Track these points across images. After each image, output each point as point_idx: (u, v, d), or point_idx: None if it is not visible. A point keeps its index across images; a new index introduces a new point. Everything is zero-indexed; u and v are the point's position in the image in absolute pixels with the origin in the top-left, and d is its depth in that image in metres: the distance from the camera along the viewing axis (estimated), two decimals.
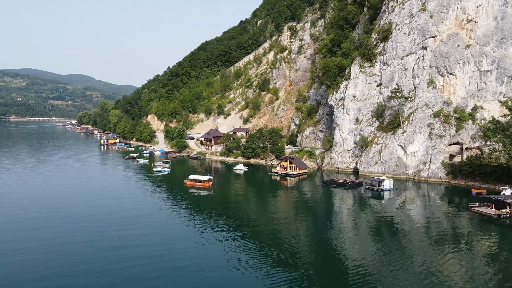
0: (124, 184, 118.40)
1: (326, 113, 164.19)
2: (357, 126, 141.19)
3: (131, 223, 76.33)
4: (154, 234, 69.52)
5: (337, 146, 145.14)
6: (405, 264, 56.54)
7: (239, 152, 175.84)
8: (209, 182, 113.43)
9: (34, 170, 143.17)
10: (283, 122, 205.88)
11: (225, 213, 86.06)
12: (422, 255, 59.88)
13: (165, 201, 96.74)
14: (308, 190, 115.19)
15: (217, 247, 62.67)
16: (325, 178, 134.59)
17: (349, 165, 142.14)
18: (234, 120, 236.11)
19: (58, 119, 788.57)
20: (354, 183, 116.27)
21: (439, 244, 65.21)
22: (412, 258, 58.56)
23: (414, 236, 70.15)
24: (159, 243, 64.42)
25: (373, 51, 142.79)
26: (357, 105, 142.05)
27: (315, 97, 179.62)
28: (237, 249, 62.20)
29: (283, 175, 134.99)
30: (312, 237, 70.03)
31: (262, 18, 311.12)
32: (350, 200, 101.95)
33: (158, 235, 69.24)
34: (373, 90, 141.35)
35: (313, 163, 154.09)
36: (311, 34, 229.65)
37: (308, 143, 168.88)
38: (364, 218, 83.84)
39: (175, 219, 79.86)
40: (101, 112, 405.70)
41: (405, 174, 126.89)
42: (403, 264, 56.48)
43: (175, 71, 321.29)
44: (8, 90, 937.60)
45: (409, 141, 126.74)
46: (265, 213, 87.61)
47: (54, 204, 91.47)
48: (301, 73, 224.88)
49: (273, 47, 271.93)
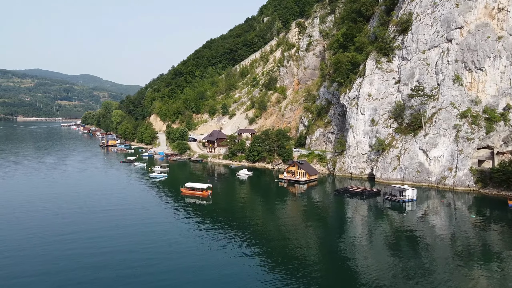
0: (113, 192, 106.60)
1: (337, 114, 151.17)
2: (372, 128, 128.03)
3: (110, 243, 64.60)
4: (134, 252, 57.82)
5: (351, 150, 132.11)
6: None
7: (243, 155, 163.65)
8: (207, 191, 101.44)
9: (19, 173, 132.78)
10: (290, 122, 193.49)
11: (224, 228, 74.50)
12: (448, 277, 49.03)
13: (155, 213, 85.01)
14: (319, 199, 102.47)
15: (215, 267, 53.38)
16: (338, 185, 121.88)
17: (364, 171, 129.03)
18: (239, 121, 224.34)
19: (64, 120, 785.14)
20: (371, 192, 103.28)
21: (467, 264, 56.36)
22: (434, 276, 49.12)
23: (441, 254, 60.16)
24: (143, 266, 52.60)
25: (390, 45, 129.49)
26: (372, 104, 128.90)
27: (325, 96, 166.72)
28: (241, 268, 54.63)
29: (291, 182, 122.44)
30: (325, 254, 61.18)
31: (269, 15, 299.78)
32: (367, 212, 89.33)
33: (137, 253, 57.53)
34: (390, 88, 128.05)
35: (323, 168, 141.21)
36: (320, 30, 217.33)
37: (318, 145, 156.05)
38: (382, 233, 72.28)
39: (164, 237, 68.01)
40: (104, 112, 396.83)
41: (427, 181, 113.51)
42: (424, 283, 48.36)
43: (178, 70, 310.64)
44: (17, 90, 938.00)
45: (432, 144, 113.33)
46: (271, 228, 75.85)
47: (19, 217, 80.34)
48: (309, 71, 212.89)
49: (280, 45, 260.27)
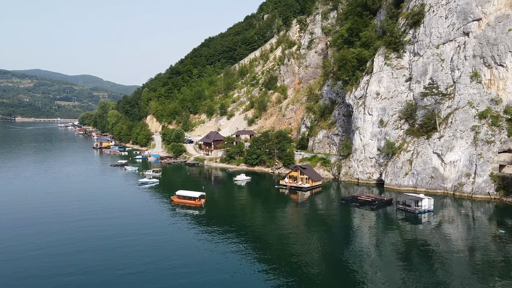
0: (94, 200, 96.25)
1: (342, 114, 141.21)
2: (381, 129, 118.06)
3: (82, 261, 54.82)
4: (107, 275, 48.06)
5: (357, 153, 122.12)
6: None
7: (241, 159, 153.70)
8: (200, 200, 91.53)
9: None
10: (292, 123, 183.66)
11: (217, 242, 64.96)
12: None
13: (139, 224, 75.06)
14: (324, 209, 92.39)
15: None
16: (343, 191, 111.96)
17: (372, 176, 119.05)
18: (238, 121, 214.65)
19: (63, 120, 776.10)
20: (382, 201, 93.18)
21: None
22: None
23: (461, 273, 47.93)
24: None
25: (400, 40, 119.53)
26: (381, 104, 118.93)
27: (329, 95, 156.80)
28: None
29: (293, 188, 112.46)
30: (332, 270, 53.71)
31: (269, 12, 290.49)
32: (378, 223, 79.49)
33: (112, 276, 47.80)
34: (401, 86, 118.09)
35: (327, 173, 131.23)
36: (322, 27, 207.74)
37: (322, 148, 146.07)
38: (395, 248, 63.27)
39: (144, 251, 58.20)
40: (101, 113, 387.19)
41: (443, 188, 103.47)
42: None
43: (176, 69, 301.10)
44: (16, 90, 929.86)
45: (448, 148, 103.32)
46: (271, 240, 66.88)
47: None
48: (311, 70, 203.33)
49: (280, 43, 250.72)
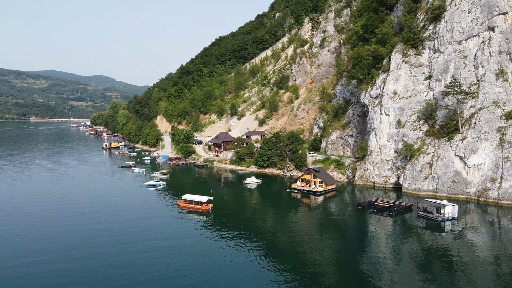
0: (96, 205, 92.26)
1: (357, 114, 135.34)
2: (399, 130, 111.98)
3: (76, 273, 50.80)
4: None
5: (373, 155, 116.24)
6: None
7: (252, 160, 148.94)
8: (208, 205, 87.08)
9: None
10: (304, 124, 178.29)
11: (225, 250, 60.37)
12: None
13: (143, 231, 70.89)
14: (339, 215, 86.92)
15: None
16: (358, 195, 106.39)
17: (388, 179, 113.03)
18: (249, 122, 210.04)
19: (75, 120, 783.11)
20: (401, 208, 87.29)
21: None
22: None
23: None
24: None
25: (419, 36, 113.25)
26: (399, 103, 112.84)
27: (343, 95, 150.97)
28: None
29: (305, 192, 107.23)
30: (347, 283, 45.36)
31: (280, 11, 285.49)
32: (397, 231, 74.00)
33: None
34: (420, 85, 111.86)
35: (341, 176, 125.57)
36: (335, 25, 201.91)
37: (335, 150, 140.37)
38: (414, 258, 58.52)
39: (146, 260, 53.89)
40: (112, 113, 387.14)
41: (465, 193, 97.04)
42: None
43: (186, 68, 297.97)
44: (30, 91, 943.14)
45: (471, 150, 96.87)
46: (281, 250, 61.71)
47: None
48: (324, 69, 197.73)
49: (292, 41, 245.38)
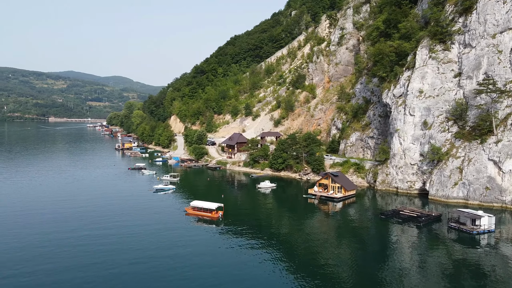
0: (100, 209, 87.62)
1: (378, 114, 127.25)
2: (425, 132, 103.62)
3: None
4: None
5: (396, 159, 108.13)
6: None
7: (266, 163, 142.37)
8: (218, 212, 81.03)
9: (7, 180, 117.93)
10: (321, 124, 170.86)
11: (235, 263, 54.31)
12: None
13: (145, 240, 65.27)
14: (360, 224, 79.57)
15: None
16: (380, 201, 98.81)
17: (413, 185, 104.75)
18: (264, 122, 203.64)
19: (93, 120, 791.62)
20: (430, 218, 79.28)
21: None
22: None
23: None
24: None
25: (448, 29, 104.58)
26: (425, 103, 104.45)
27: (362, 94, 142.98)
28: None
29: (323, 198, 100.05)
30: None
31: (297, 8, 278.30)
32: (426, 245, 66.64)
33: None
34: (448, 83, 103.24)
35: (361, 180, 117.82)
36: (354, 22, 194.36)
37: (354, 152, 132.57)
38: (447, 279, 50.72)
39: (149, 274, 48.22)
40: (127, 113, 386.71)
41: (500, 201, 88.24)
42: None
43: (200, 68, 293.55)
44: (50, 91, 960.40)
45: (507, 154, 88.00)
46: (298, 263, 55.16)
47: None
48: (342, 67, 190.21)
49: (309, 40, 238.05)
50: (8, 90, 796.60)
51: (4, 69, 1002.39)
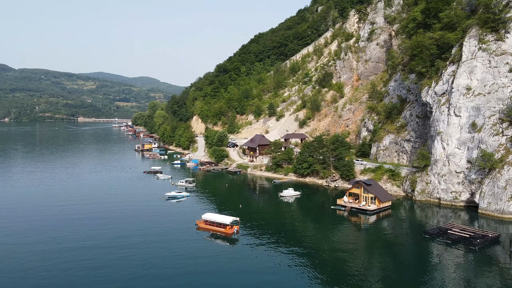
0: (104, 220, 79.29)
1: (416, 115, 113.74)
2: (473, 135, 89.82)
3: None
4: None
5: (438, 166, 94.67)
6: None
7: (290, 167, 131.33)
8: (233, 227, 70.89)
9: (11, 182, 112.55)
10: (349, 126, 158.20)
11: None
12: None
13: (146, 260, 56.00)
14: (399, 245, 67.34)
15: None
16: (420, 215, 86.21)
17: (459, 196, 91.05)
18: (288, 123, 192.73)
19: (120, 120, 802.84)
20: (486, 239, 66.04)
21: None
22: None
23: None
24: None
25: (501, 16, 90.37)
26: (473, 101, 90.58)
27: (397, 92, 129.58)
28: None
29: (354, 210, 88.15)
30: None
31: (323, 4, 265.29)
32: (484, 277, 53.29)
33: None
34: (502, 78, 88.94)
35: (397, 188, 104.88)
36: (385, 16, 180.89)
37: (388, 157, 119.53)
38: None
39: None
40: (150, 113, 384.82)
41: None
42: None
43: (223, 66, 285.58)
44: (80, 92, 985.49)
45: None
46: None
47: None
48: (372, 64, 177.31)
49: (336, 36, 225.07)
50: (40, 91, 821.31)
51: (38, 71, 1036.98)
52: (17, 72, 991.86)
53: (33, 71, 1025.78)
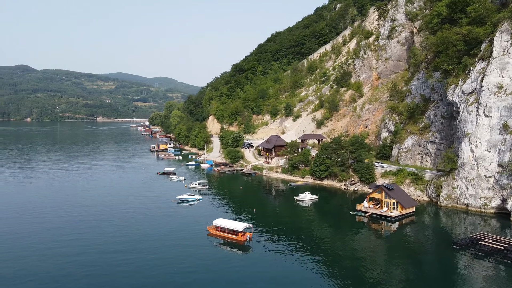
0: (110, 224, 76.74)
1: (441, 115, 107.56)
2: (505, 137, 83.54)
3: None
4: None
5: (466, 169, 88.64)
6: None
7: (307, 169, 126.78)
8: (245, 235, 67.11)
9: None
10: (369, 126, 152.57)
11: None
12: None
13: (151, 270, 52.87)
14: (424, 254, 62.35)
15: None
16: (446, 222, 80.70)
17: (489, 202, 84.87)
18: (305, 123, 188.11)
19: (138, 120, 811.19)
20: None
21: None
22: None
23: None
24: None
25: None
26: (505, 101, 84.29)
27: (420, 91, 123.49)
28: None
29: (375, 216, 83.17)
30: None
31: (342, 2, 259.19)
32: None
33: None
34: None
35: (420, 193, 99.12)
36: (406, 12, 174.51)
37: (410, 159, 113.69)
38: None
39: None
40: (167, 113, 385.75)
41: None
42: None
43: (239, 66, 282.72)
44: (99, 92, 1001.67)
45: None
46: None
47: None
48: (392, 63, 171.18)
49: (355, 34, 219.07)
50: (61, 91, 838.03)
51: (59, 71, 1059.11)
52: (39, 73, 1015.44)
53: (55, 72, 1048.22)
